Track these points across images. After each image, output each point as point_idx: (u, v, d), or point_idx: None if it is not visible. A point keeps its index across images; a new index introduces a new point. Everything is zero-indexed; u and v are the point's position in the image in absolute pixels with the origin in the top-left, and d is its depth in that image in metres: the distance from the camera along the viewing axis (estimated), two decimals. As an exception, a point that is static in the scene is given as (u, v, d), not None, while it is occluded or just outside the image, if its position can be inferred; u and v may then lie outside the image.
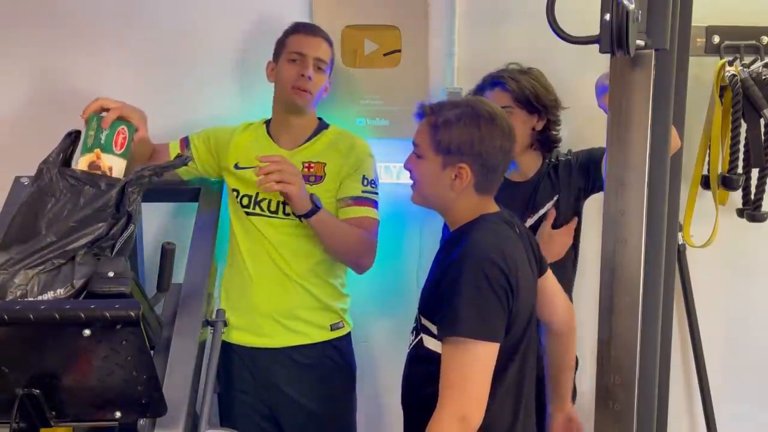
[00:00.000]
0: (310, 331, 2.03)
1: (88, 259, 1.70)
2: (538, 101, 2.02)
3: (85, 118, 1.86)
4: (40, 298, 1.62)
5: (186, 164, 1.99)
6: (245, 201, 2.03)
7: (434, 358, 1.54)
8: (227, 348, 2.05)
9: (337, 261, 2.04)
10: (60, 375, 1.45)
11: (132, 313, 1.37)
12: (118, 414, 1.51)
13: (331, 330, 2.06)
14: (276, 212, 2.00)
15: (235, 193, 2.05)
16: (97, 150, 1.81)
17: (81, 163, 1.81)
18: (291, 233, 2.00)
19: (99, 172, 1.78)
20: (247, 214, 2.02)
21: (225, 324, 1.98)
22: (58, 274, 1.67)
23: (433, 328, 1.55)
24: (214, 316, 1.99)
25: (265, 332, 2.02)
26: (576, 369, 2.16)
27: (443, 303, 1.49)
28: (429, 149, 1.58)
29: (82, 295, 1.64)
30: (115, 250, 1.77)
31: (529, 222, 2.05)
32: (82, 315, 1.37)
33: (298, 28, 2.05)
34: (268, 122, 2.12)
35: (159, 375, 1.51)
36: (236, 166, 2.05)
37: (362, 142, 2.11)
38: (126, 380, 1.46)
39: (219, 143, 2.10)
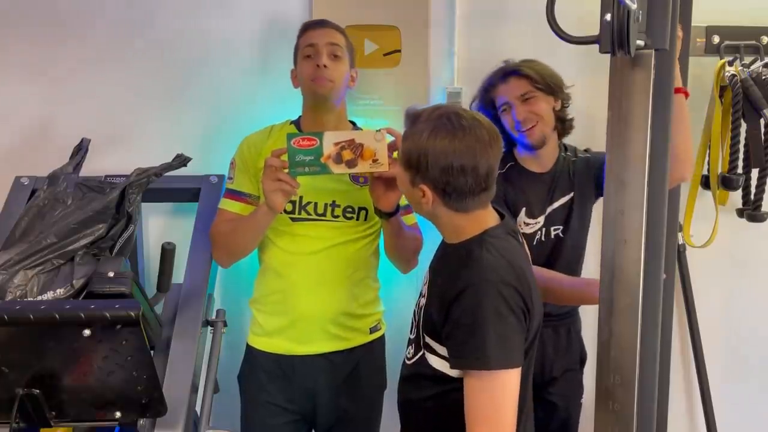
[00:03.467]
0: (351, 336, 2.02)
1: (87, 260, 1.70)
2: (553, 81, 2.03)
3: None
4: (39, 298, 1.63)
5: (185, 165, 1.99)
6: (289, 207, 1.95)
7: (439, 377, 1.53)
8: (262, 357, 2.02)
9: (394, 260, 2.06)
10: (60, 375, 1.45)
11: (132, 313, 1.37)
12: (118, 414, 1.52)
13: (370, 333, 2.06)
14: (324, 214, 1.96)
15: None
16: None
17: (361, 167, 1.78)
18: (338, 236, 1.97)
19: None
20: (293, 220, 1.96)
21: (225, 324, 1.97)
22: (58, 274, 1.67)
23: (439, 348, 1.52)
24: (214, 316, 1.98)
25: (307, 340, 1.99)
26: (584, 363, 2.17)
27: (462, 332, 1.44)
28: (402, 162, 1.53)
29: (82, 295, 1.64)
30: (115, 250, 1.77)
31: (548, 210, 2.06)
32: (82, 315, 1.37)
33: (306, 26, 2.01)
34: (295, 122, 2.06)
35: (159, 375, 1.51)
36: None
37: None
38: (126, 380, 1.46)
39: (252, 156, 2.01)
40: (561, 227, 2.06)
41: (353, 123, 2.10)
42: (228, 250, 1.97)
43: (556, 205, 2.07)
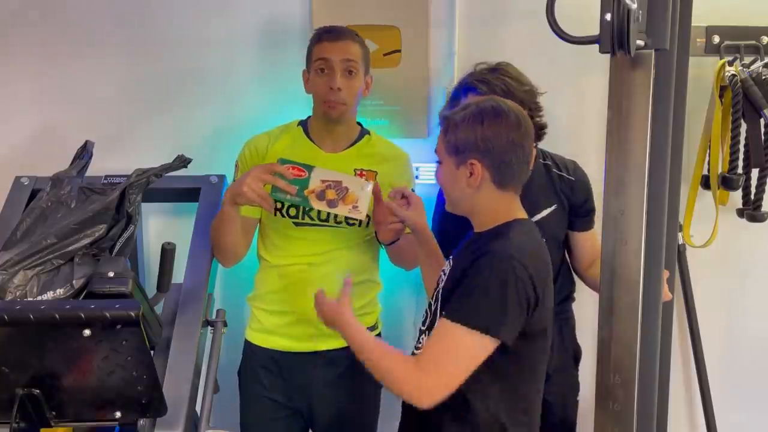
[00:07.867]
0: None
1: (87, 260, 1.70)
2: (512, 97, 1.98)
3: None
4: (39, 298, 1.63)
5: (185, 166, 1.99)
6: (293, 211, 1.97)
7: None
8: (260, 353, 2.04)
9: (396, 264, 2.08)
10: (60, 375, 1.45)
11: (132, 313, 1.37)
12: (118, 414, 1.51)
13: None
14: (327, 220, 1.97)
15: (278, 204, 1.96)
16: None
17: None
18: (340, 241, 1.98)
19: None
20: (296, 224, 1.97)
21: (225, 324, 1.97)
22: (58, 275, 1.67)
23: None
24: (214, 316, 1.99)
25: (305, 338, 2.00)
26: (579, 361, 2.16)
27: (462, 287, 1.50)
28: (444, 154, 1.61)
29: (82, 295, 1.64)
30: (115, 250, 1.77)
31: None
32: (82, 315, 1.37)
33: (320, 36, 1.96)
34: (302, 124, 2.06)
35: (159, 375, 1.51)
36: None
37: (406, 154, 2.10)
38: (126, 380, 1.46)
39: (255, 160, 2.01)
40: (544, 240, 2.02)
41: (360, 124, 2.09)
42: (215, 245, 1.98)
43: (538, 217, 2.03)
